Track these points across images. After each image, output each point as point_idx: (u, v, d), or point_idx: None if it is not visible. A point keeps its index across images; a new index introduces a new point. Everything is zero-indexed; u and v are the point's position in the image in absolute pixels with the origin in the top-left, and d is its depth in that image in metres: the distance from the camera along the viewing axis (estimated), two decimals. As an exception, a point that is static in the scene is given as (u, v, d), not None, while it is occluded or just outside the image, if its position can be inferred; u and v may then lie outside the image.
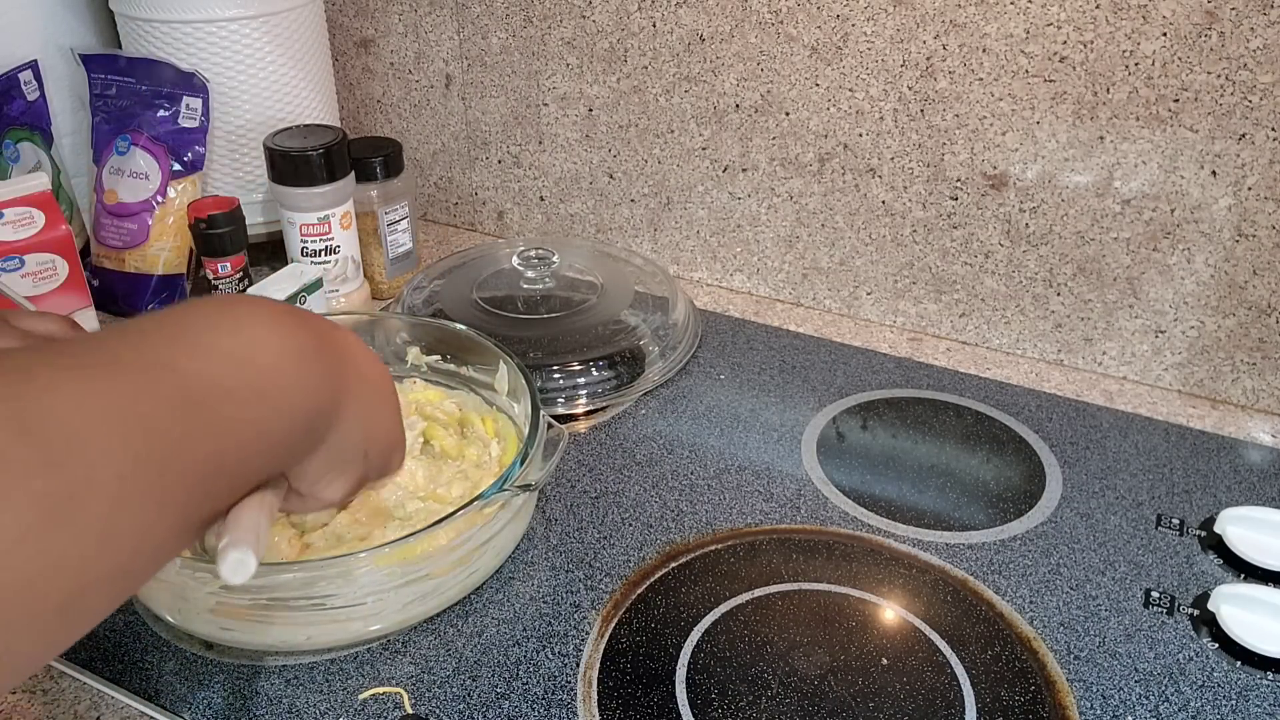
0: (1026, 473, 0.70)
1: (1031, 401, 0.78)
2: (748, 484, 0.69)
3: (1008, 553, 0.63)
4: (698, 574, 0.61)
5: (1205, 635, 0.57)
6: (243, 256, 0.83)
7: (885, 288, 0.88)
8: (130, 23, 0.87)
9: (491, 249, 0.93)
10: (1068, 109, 0.74)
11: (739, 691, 0.53)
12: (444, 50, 0.99)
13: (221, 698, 0.53)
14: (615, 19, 0.88)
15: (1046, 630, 0.57)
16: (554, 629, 0.57)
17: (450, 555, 0.56)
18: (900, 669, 0.54)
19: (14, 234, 0.78)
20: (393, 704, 0.53)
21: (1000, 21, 0.73)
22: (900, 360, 0.84)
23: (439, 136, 1.04)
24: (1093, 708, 0.53)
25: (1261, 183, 0.70)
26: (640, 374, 0.79)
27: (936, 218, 0.82)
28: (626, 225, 0.98)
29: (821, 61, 0.81)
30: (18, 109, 0.86)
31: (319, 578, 0.53)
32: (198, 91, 0.86)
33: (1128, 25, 0.70)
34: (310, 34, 0.92)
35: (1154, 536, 0.64)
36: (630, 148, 0.93)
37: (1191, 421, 0.76)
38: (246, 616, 0.54)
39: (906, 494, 0.68)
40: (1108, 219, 0.76)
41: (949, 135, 0.79)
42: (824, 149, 0.84)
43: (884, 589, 0.60)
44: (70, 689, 0.54)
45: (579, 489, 0.68)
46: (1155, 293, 0.77)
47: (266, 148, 0.83)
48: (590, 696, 0.53)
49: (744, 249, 0.93)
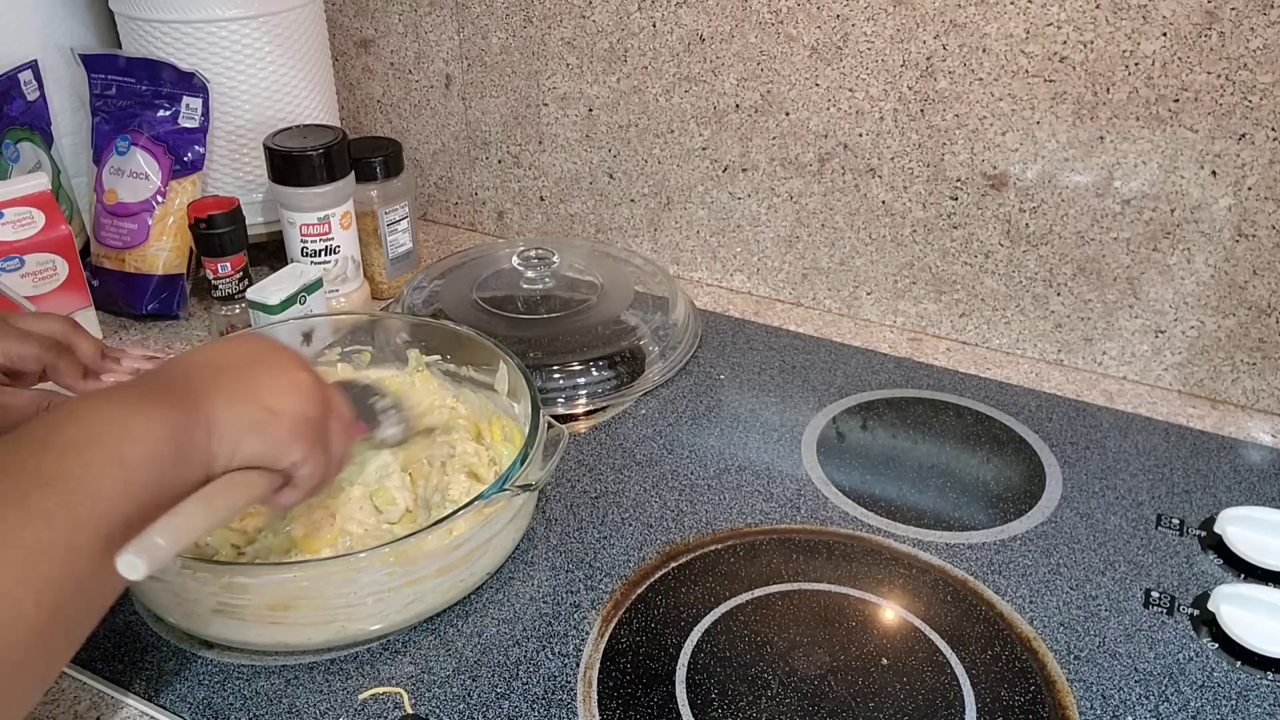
0: (1026, 473, 0.70)
1: (1031, 401, 0.78)
2: (748, 484, 0.69)
3: (1008, 553, 0.63)
4: (698, 574, 0.61)
5: (1205, 635, 0.57)
6: (243, 256, 0.83)
7: (885, 288, 0.88)
8: (130, 23, 0.87)
9: (491, 249, 0.93)
10: (1068, 109, 0.74)
11: (739, 691, 0.53)
12: (444, 50, 0.99)
13: (222, 698, 0.53)
14: (615, 19, 0.88)
15: (1046, 630, 0.57)
16: (554, 629, 0.57)
17: (450, 555, 0.56)
18: (900, 669, 0.54)
19: (14, 234, 0.78)
20: (393, 704, 0.53)
21: (1000, 21, 0.73)
22: (900, 360, 0.84)
23: (439, 136, 1.04)
24: (1093, 708, 0.53)
25: (1261, 183, 0.70)
26: (640, 374, 0.79)
27: (936, 218, 0.82)
28: (626, 225, 0.98)
29: (821, 61, 0.81)
30: (18, 109, 0.86)
31: (319, 578, 0.53)
32: (198, 91, 0.86)
33: (1128, 25, 0.70)
34: (310, 34, 0.92)
35: (1154, 536, 0.64)
36: (630, 148, 0.93)
37: (1191, 421, 0.76)
38: (246, 617, 0.54)
39: (906, 494, 0.68)
40: (1108, 219, 0.76)
41: (949, 135, 0.79)
42: (824, 149, 0.84)
43: (884, 589, 0.60)
44: (70, 689, 0.54)
45: (579, 489, 0.68)
46: (1155, 293, 0.77)
47: (266, 148, 0.83)
48: (590, 696, 0.53)
49: (744, 249, 0.93)
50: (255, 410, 0.46)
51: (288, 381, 0.49)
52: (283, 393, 0.48)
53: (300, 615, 0.53)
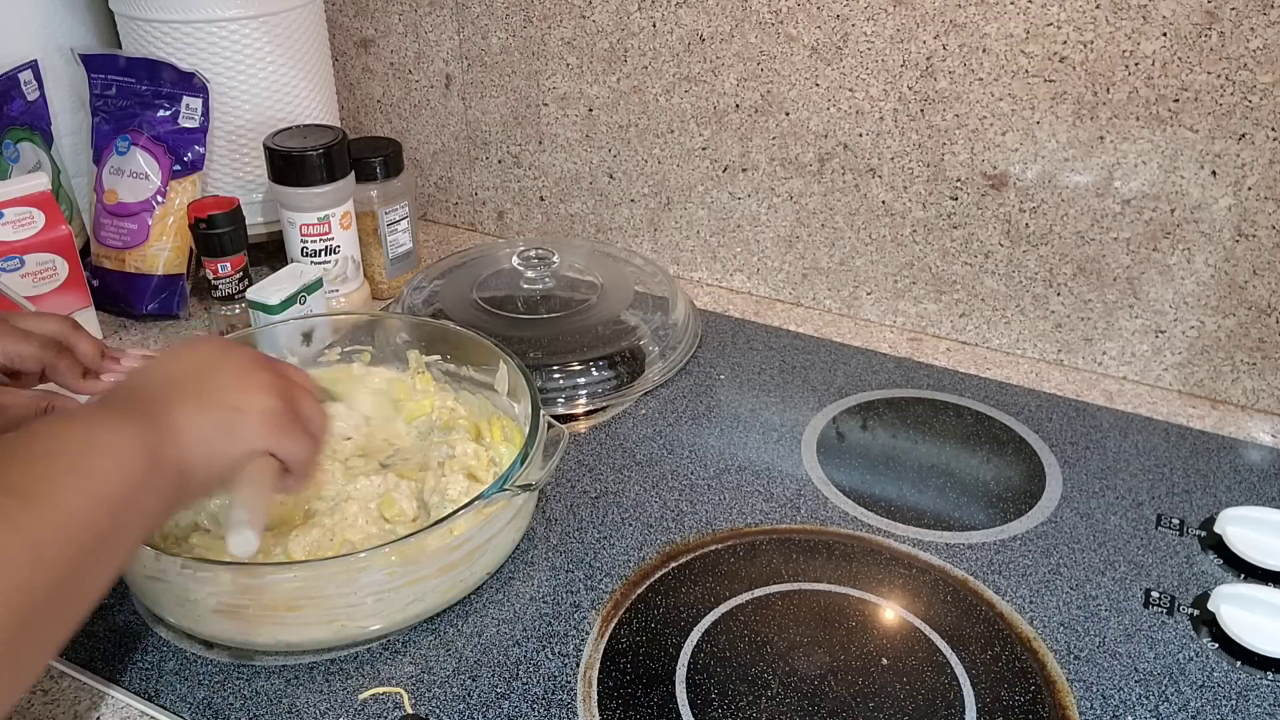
0: (1026, 473, 0.70)
1: (1031, 401, 0.78)
2: (748, 484, 0.69)
3: (1008, 553, 0.63)
4: (698, 574, 0.61)
5: (1205, 635, 0.57)
6: (243, 256, 0.83)
7: (885, 288, 0.88)
8: (130, 23, 0.87)
9: (491, 249, 0.93)
10: (1068, 109, 0.74)
11: (739, 691, 0.53)
12: (444, 50, 0.99)
13: (222, 698, 0.53)
14: (615, 19, 0.88)
15: (1046, 630, 0.57)
16: (554, 629, 0.57)
17: (451, 555, 0.56)
18: (900, 669, 0.54)
19: (14, 234, 0.78)
20: (393, 704, 0.53)
21: (1000, 21, 0.73)
22: (900, 360, 0.84)
23: (439, 136, 1.04)
24: (1093, 708, 0.53)
25: (1261, 183, 0.70)
26: (640, 374, 0.79)
27: (936, 218, 0.82)
28: (626, 225, 0.98)
29: (821, 61, 0.81)
30: (18, 109, 0.86)
31: (320, 578, 0.53)
32: (198, 91, 0.86)
33: (1128, 25, 0.70)
34: (310, 34, 0.92)
35: (1154, 536, 0.64)
36: (630, 148, 0.93)
37: (1191, 421, 0.76)
38: (247, 617, 0.54)
39: (906, 494, 0.68)
40: (1108, 219, 0.76)
41: (949, 135, 0.79)
42: (824, 149, 0.84)
43: (884, 589, 0.60)
44: (70, 689, 0.54)
45: (579, 489, 0.68)
46: (1155, 293, 0.77)
47: (266, 148, 0.83)
48: (590, 696, 0.53)
49: (744, 249, 0.93)
50: (221, 412, 0.48)
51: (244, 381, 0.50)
52: (243, 390, 0.49)
53: (301, 615, 0.53)
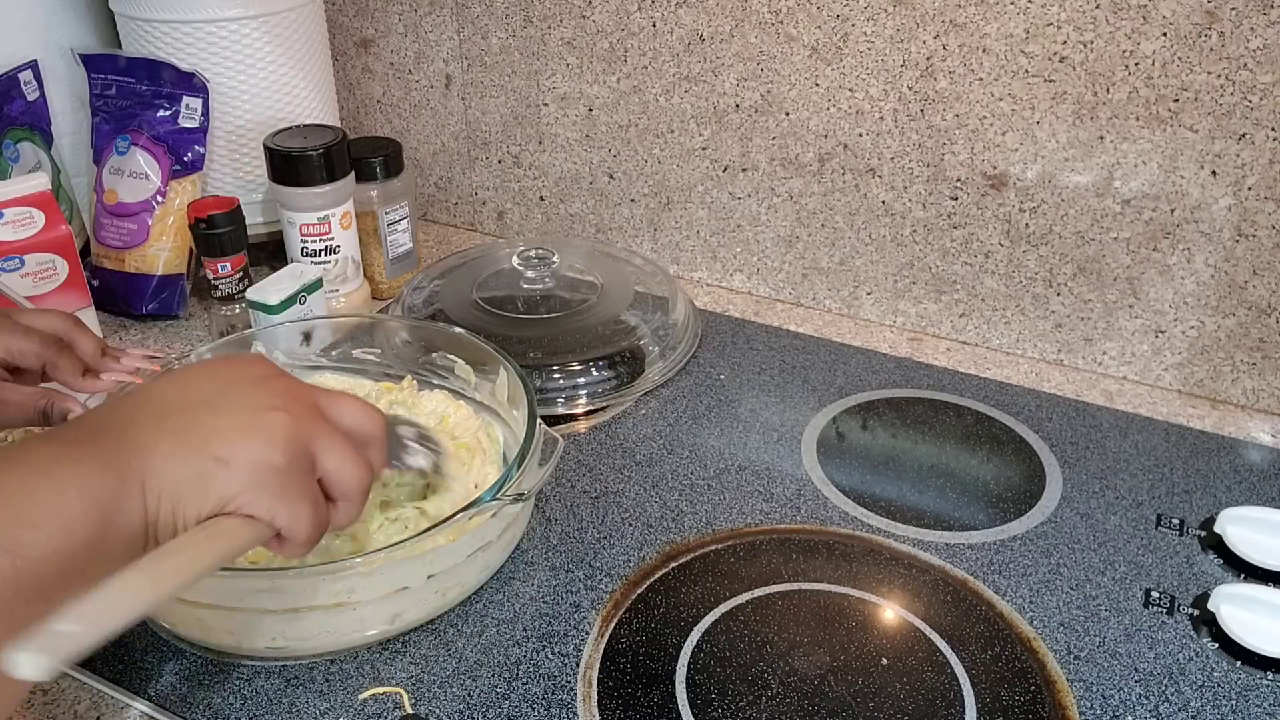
0: (1026, 473, 0.70)
1: (1031, 401, 0.78)
2: (748, 484, 0.69)
3: (1008, 553, 0.63)
4: (698, 574, 0.61)
5: (1205, 635, 0.57)
6: (243, 256, 0.83)
7: (885, 288, 0.88)
8: (130, 23, 0.87)
9: (491, 249, 0.93)
10: (1068, 109, 0.74)
11: (739, 691, 0.53)
12: (444, 50, 0.99)
13: (222, 698, 0.53)
14: (615, 19, 0.88)
15: (1046, 630, 0.57)
16: (554, 629, 0.57)
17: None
18: (900, 669, 0.54)
19: (14, 234, 0.78)
20: (393, 704, 0.53)
21: (1000, 21, 0.73)
22: (900, 360, 0.84)
23: (439, 136, 1.04)
24: (1093, 708, 0.53)
25: (1261, 183, 0.70)
26: (640, 374, 0.79)
27: (936, 218, 0.82)
28: (626, 225, 0.98)
29: (821, 61, 0.81)
30: (18, 109, 0.86)
31: (319, 579, 0.53)
32: (198, 91, 0.86)
33: (1128, 25, 0.70)
34: (310, 34, 0.92)
35: (1154, 536, 0.64)
36: (630, 148, 0.93)
37: (1191, 421, 0.76)
38: (246, 617, 0.54)
39: (906, 494, 0.68)
40: (1108, 219, 0.76)
41: (949, 135, 0.79)
42: (824, 149, 0.84)
43: (884, 589, 0.60)
44: (70, 689, 0.54)
45: (579, 489, 0.68)
46: (1155, 293, 0.77)
47: (266, 148, 0.83)
48: (590, 696, 0.53)
49: (744, 249, 0.93)
50: (200, 461, 0.41)
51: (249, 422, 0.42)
52: (239, 437, 0.42)
53: (301, 615, 0.53)
